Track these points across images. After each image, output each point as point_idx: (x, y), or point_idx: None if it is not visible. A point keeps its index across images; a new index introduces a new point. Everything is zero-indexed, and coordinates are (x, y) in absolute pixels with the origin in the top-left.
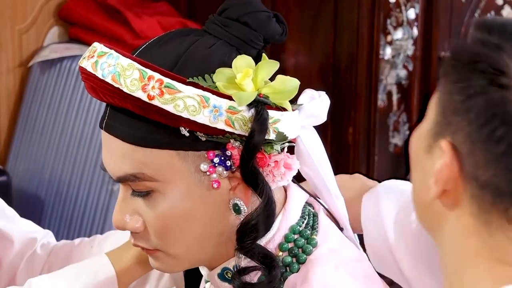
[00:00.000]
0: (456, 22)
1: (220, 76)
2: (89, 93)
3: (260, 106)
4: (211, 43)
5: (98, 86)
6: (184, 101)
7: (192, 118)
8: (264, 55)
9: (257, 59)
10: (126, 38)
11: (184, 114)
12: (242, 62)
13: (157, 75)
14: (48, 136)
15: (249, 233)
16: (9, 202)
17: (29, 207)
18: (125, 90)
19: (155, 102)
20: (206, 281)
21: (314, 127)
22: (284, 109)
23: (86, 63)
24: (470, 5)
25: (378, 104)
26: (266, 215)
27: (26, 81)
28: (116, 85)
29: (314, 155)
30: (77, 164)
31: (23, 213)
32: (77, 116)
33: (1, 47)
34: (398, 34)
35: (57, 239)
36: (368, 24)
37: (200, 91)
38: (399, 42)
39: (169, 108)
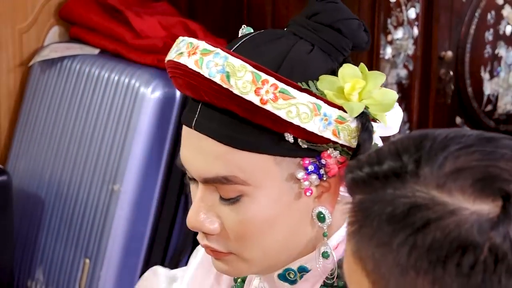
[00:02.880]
0: (456, 21)
1: (325, 84)
2: (179, 89)
3: (365, 117)
4: (309, 48)
5: (200, 84)
6: (298, 107)
7: (302, 125)
8: (363, 65)
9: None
10: (126, 38)
11: (295, 121)
12: (349, 71)
13: (271, 79)
14: (48, 136)
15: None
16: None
17: (29, 207)
18: (235, 91)
19: (268, 106)
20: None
21: None
22: (376, 120)
23: (187, 60)
24: (470, 5)
25: None
26: None
27: (27, 80)
28: (225, 86)
29: None
30: (77, 164)
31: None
32: (77, 115)
33: (1, 47)
34: (399, 33)
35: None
36: (368, 24)
37: (313, 99)
38: (400, 42)
39: (281, 113)
